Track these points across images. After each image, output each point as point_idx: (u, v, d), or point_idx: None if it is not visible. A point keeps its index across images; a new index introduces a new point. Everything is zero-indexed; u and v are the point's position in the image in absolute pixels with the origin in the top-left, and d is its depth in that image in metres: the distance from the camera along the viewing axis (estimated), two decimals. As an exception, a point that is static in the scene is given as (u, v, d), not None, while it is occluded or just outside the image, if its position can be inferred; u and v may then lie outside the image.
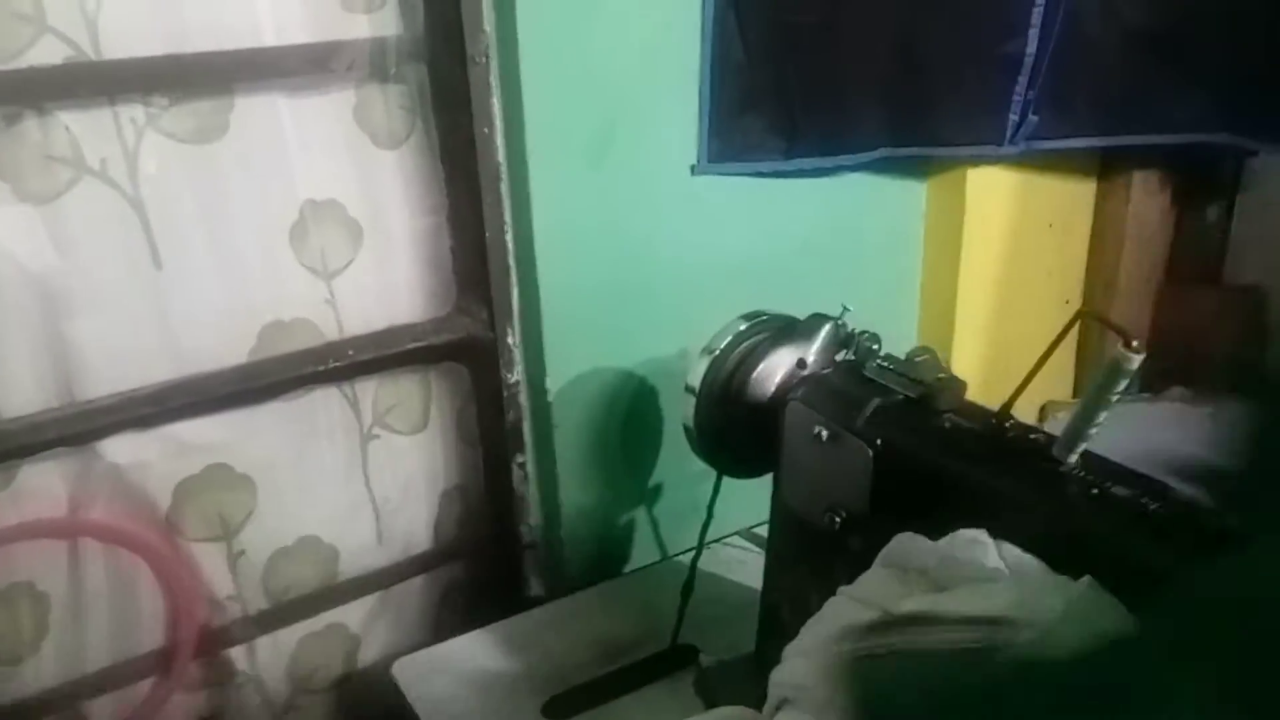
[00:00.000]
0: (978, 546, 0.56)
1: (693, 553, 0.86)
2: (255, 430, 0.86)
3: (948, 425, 0.65)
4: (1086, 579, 0.51)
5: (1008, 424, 0.63)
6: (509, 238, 0.88)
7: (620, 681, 0.83)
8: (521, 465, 0.95)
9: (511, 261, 0.89)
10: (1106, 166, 1.24)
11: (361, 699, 0.97)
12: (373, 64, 0.83)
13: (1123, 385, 0.56)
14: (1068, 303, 1.31)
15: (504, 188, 0.86)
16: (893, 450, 0.66)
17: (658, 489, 1.03)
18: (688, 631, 0.87)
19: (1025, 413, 1.33)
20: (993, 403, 0.68)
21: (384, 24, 0.84)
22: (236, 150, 0.80)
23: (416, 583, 0.99)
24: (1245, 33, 1.06)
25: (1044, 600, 0.50)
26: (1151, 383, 1.37)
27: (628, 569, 1.03)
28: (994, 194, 1.16)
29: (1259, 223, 1.35)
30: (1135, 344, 0.55)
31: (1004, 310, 1.23)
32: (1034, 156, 1.11)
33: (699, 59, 0.91)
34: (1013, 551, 0.56)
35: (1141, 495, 0.56)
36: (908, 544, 0.58)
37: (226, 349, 0.83)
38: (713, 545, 1.00)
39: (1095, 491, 0.57)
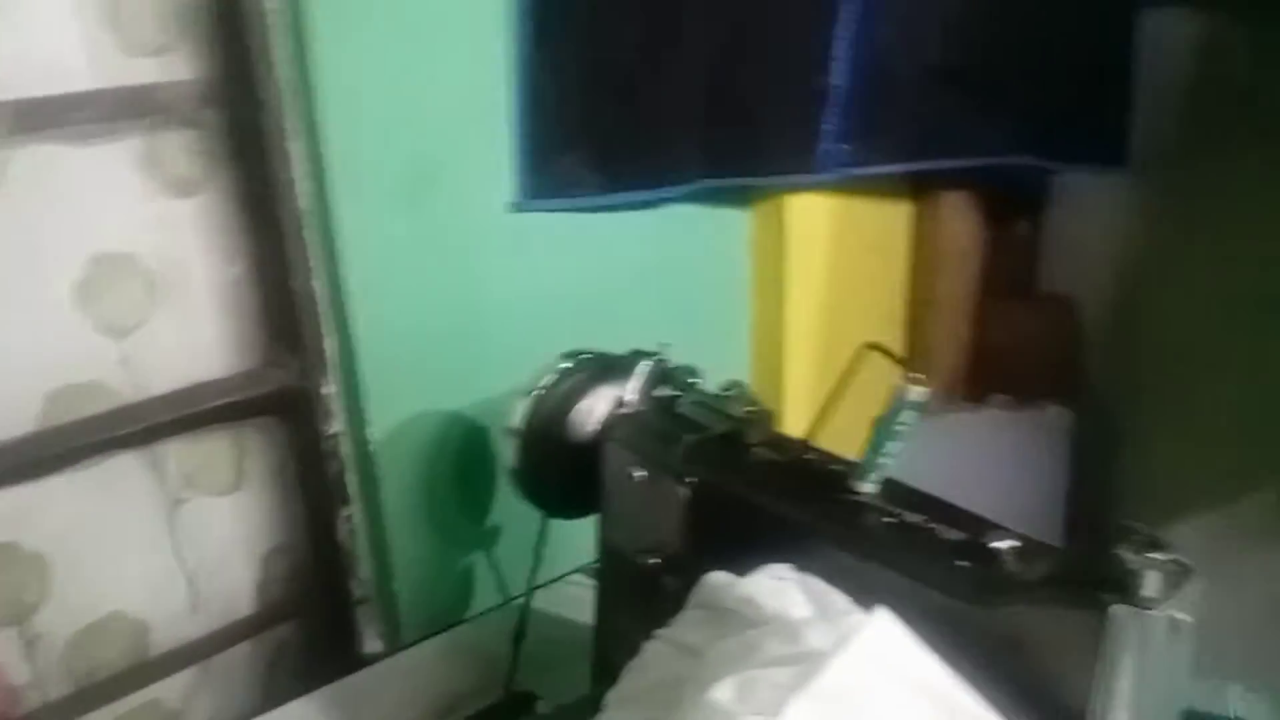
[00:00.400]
0: (784, 582, 0.57)
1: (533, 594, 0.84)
2: (46, 504, 0.79)
3: (756, 459, 0.66)
4: (879, 608, 0.52)
5: (809, 456, 0.64)
6: (318, 285, 0.85)
7: (455, 738, 0.81)
8: (348, 519, 0.92)
9: (323, 310, 0.86)
10: (919, 190, 1.30)
11: (184, 780, 0.91)
12: (163, 110, 0.79)
13: (909, 415, 0.58)
14: (892, 321, 1.36)
15: (310, 234, 0.83)
16: (704, 488, 0.66)
17: (495, 532, 1.01)
18: (527, 677, 0.85)
19: (854, 429, 1.38)
20: (828, 425, 0.69)
21: (174, 68, 0.80)
22: (15, 204, 0.74)
23: (241, 650, 0.94)
24: (1040, 64, 1.14)
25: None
26: (975, 393, 1.44)
27: (469, 615, 1.01)
28: (813, 220, 1.19)
29: (1066, 236, 1.44)
30: (918, 376, 0.57)
31: (832, 332, 1.27)
32: (849, 183, 1.16)
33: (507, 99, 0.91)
34: (817, 585, 0.57)
35: (932, 521, 0.57)
36: (716, 583, 0.58)
37: (9, 418, 0.77)
38: (553, 583, 0.99)
39: (890, 520, 0.58)
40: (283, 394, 0.87)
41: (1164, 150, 1.25)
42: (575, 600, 0.98)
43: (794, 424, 0.74)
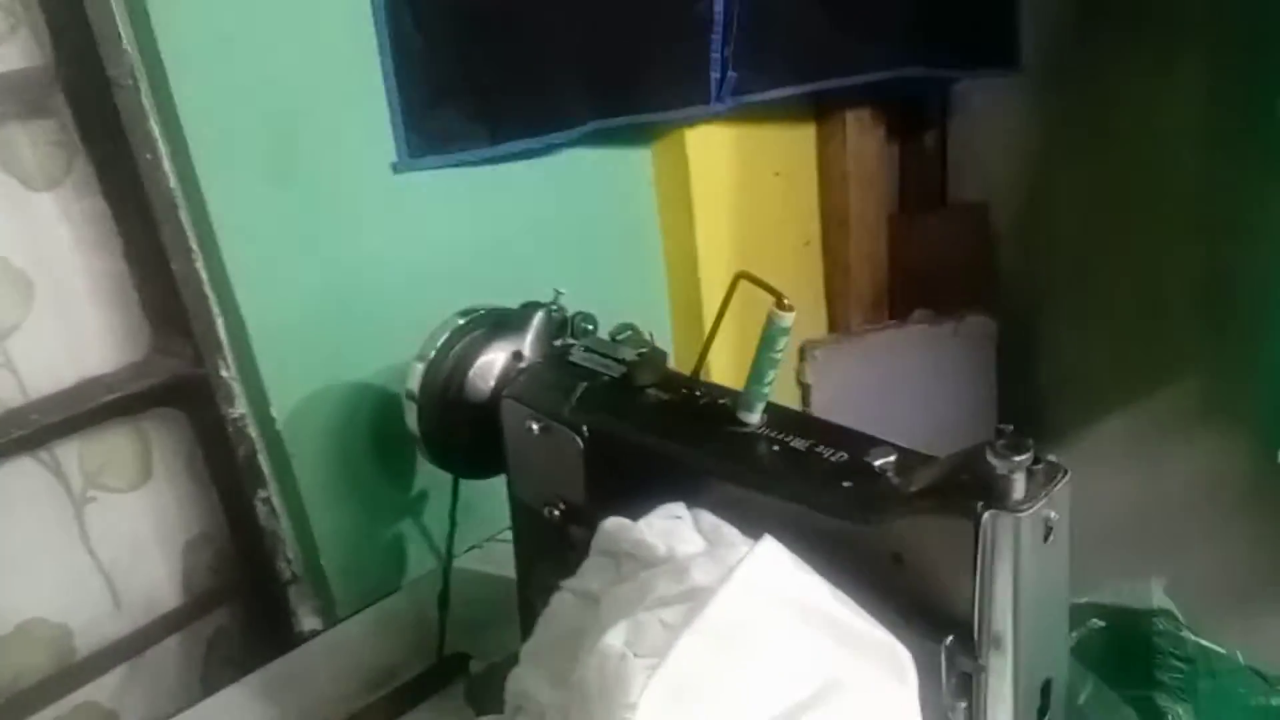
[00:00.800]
0: (676, 521, 0.57)
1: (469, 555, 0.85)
2: (-58, 517, 0.78)
3: (648, 402, 0.66)
4: (765, 537, 0.52)
5: (698, 392, 0.64)
6: (200, 267, 0.82)
7: (389, 706, 0.81)
8: (265, 500, 0.91)
9: (209, 292, 0.83)
10: (820, 111, 1.29)
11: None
12: (10, 100, 0.76)
13: (783, 343, 0.58)
14: (807, 244, 1.36)
15: (184, 215, 0.81)
16: (599, 435, 0.66)
17: (421, 497, 1.00)
18: (460, 638, 0.85)
19: (789, 356, 1.38)
20: (742, 359, 0.68)
21: (17, 56, 0.76)
22: None
23: (172, 642, 0.93)
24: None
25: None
26: (897, 310, 1.45)
27: (404, 582, 1.01)
28: (716, 151, 1.18)
29: (971, 143, 1.44)
30: (787, 303, 0.57)
31: (748, 262, 1.23)
32: (747, 110, 1.14)
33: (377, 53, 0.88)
34: (709, 520, 0.57)
35: (817, 445, 0.58)
36: (612, 529, 0.59)
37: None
38: (486, 543, 0.99)
39: (776, 448, 0.58)
40: (179, 381, 0.85)
41: (1056, 50, 1.25)
42: (505, 558, 0.98)
43: (716, 359, 0.73)
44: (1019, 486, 0.47)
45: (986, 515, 0.47)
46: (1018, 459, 0.46)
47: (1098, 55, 1.22)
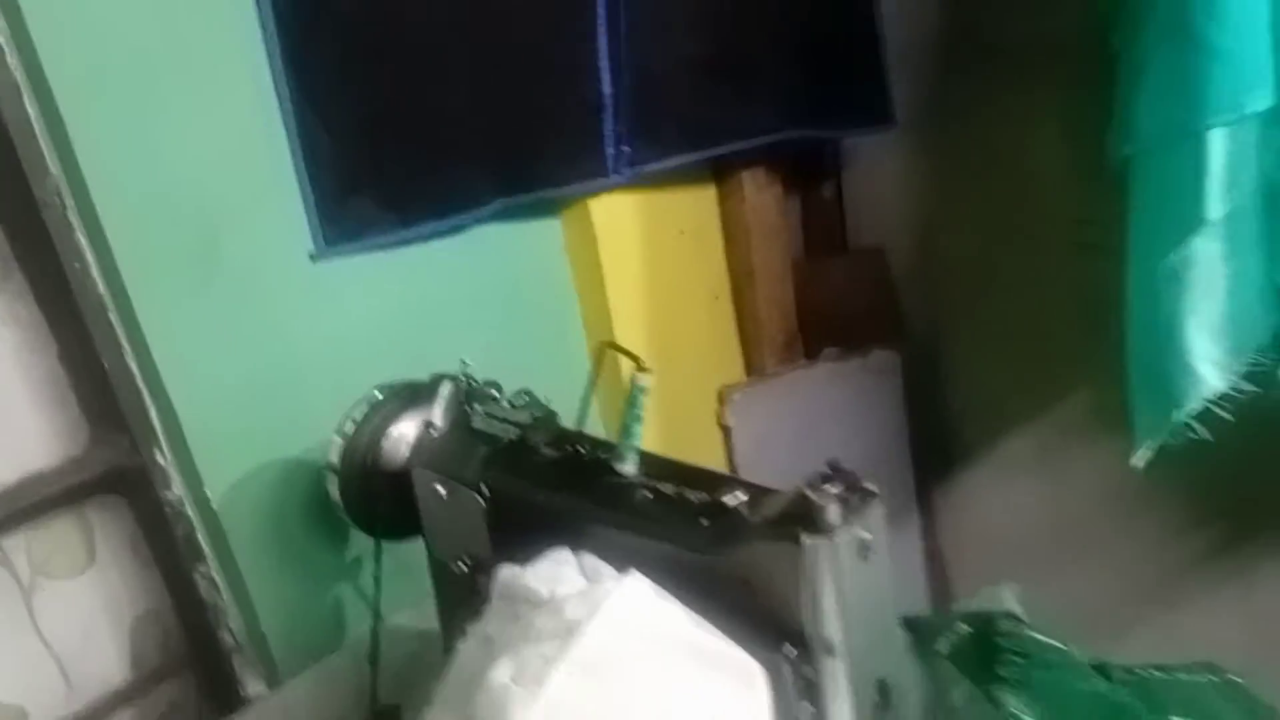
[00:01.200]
0: (559, 565, 0.64)
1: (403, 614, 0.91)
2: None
3: (540, 460, 0.74)
4: (630, 572, 0.60)
5: (581, 448, 0.72)
6: (131, 364, 0.89)
7: (330, 760, 0.87)
8: (205, 575, 0.96)
9: (142, 385, 0.90)
10: (718, 171, 1.39)
11: None
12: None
13: (643, 401, 0.66)
14: (717, 297, 1.45)
15: (113, 317, 0.87)
16: (498, 493, 0.73)
17: (355, 563, 1.06)
18: (394, 693, 0.91)
19: (703, 403, 1.46)
20: (670, 398, 0.72)
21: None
22: None
23: (124, 716, 0.98)
24: (790, 42, 1.23)
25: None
26: (809, 350, 1.54)
27: (344, 643, 1.06)
28: (620, 217, 1.26)
29: (865, 192, 1.54)
30: (645, 367, 0.65)
31: (660, 319, 1.34)
32: (647, 177, 1.23)
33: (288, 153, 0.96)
34: (590, 561, 0.64)
35: (681, 487, 0.65)
36: (505, 577, 0.65)
37: None
38: (420, 603, 1.05)
39: (648, 493, 0.66)
40: (117, 471, 0.91)
41: (929, 102, 1.36)
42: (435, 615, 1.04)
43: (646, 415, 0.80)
44: (832, 514, 0.54)
45: (808, 541, 0.54)
46: (829, 489, 0.54)
47: (966, 104, 1.33)
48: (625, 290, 1.29)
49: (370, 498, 0.84)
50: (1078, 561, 1.38)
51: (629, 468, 0.68)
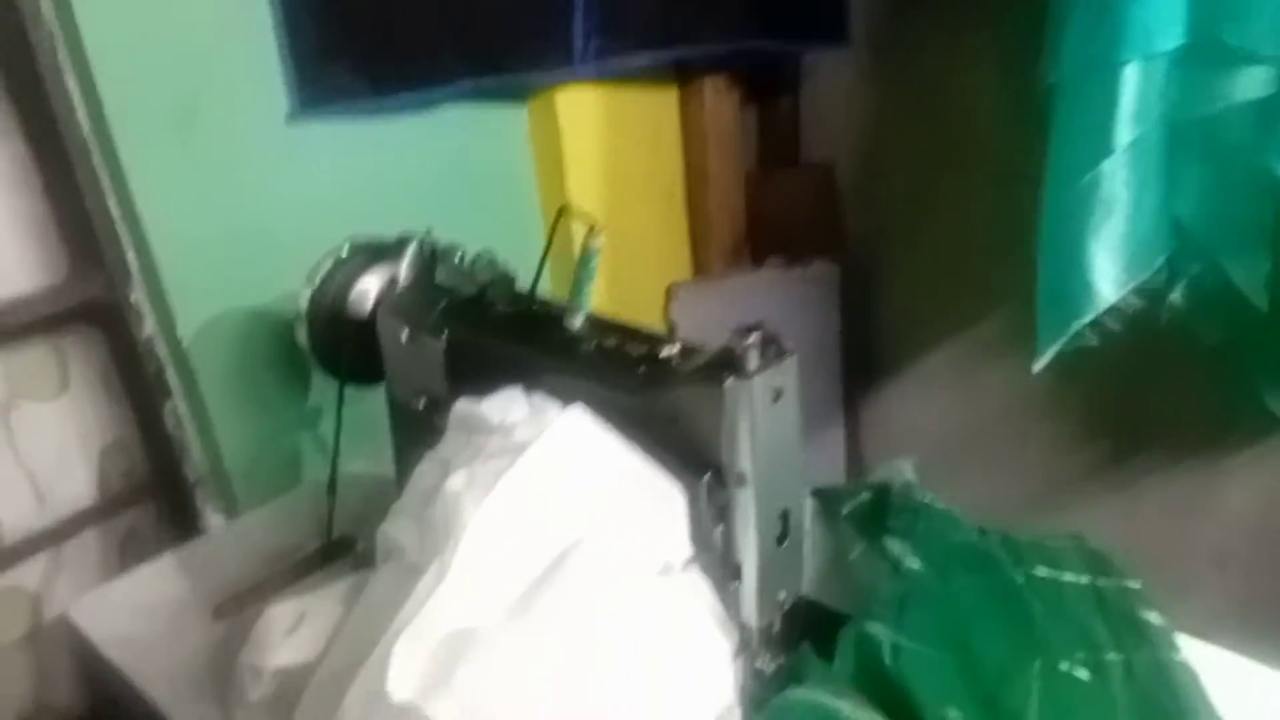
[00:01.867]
0: (511, 400, 0.72)
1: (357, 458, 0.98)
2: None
3: (496, 314, 0.81)
4: (576, 405, 0.68)
5: (535, 305, 0.79)
6: (112, 204, 0.94)
7: (283, 578, 0.95)
8: (172, 411, 1.03)
9: (120, 226, 0.95)
10: (682, 77, 1.44)
11: (51, 649, 1.03)
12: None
13: (595, 262, 0.73)
14: (672, 196, 1.51)
15: (96, 159, 0.92)
16: (456, 340, 0.80)
17: (315, 409, 1.13)
18: (350, 526, 0.99)
19: (652, 297, 1.54)
20: (621, 295, 0.79)
21: (-61, 11, 0.86)
22: None
23: (90, 536, 1.05)
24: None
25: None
26: (755, 256, 1.62)
27: (302, 485, 1.14)
28: (585, 111, 1.32)
29: (820, 108, 1.61)
30: (596, 229, 0.72)
31: (617, 213, 1.41)
32: (614, 75, 1.28)
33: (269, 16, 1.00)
34: (537, 398, 0.72)
35: (623, 342, 0.73)
36: (461, 408, 0.73)
37: None
38: (373, 449, 1.12)
39: (592, 346, 0.74)
40: (93, 304, 0.97)
41: (881, 26, 1.42)
42: (388, 460, 1.12)
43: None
44: (752, 361, 0.63)
45: (729, 382, 0.63)
46: (748, 341, 0.63)
47: (913, 32, 1.40)
48: (584, 182, 1.36)
49: (336, 344, 0.91)
50: (985, 467, 1.50)
51: (577, 322, 0.75)
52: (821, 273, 1.60)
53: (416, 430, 0.86)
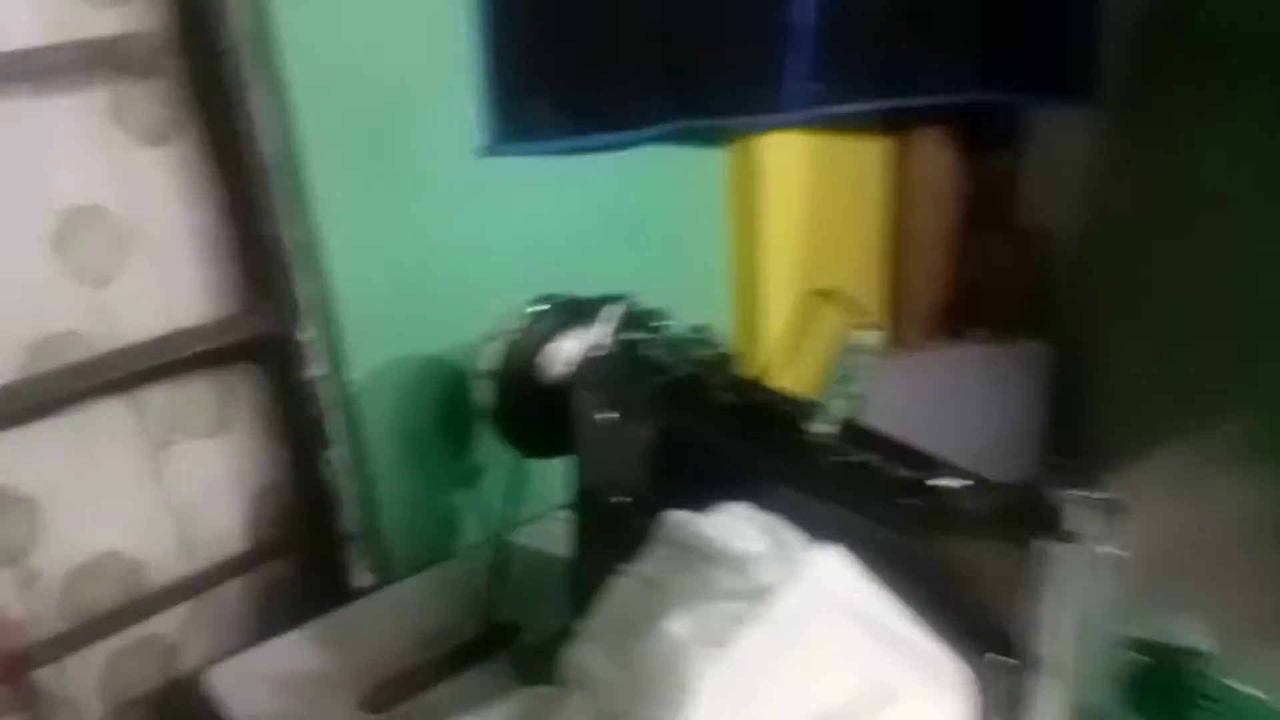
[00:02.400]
0: (738, 521, 0.60)
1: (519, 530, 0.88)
2: (33, 450, 0.82)
3: (716, 402, 0.69)
4: (833, 546, 0.55)
5: (765, 397, 0.66)
6: (290, 232, 0.86)
7: (439, 667, 0.84)
8: (330, 460, 0.94)
9: (296, 256, 0.87)
10: (894, 126, 1.30)
11: (183, 709, 0.95)
12: (125, 61, 0.79)
13: (865, 359, 0.60)
14: (870, 258, 1.37)
15: (278, 181, 0.84)
16: (666, 431, 0.68)
17: (479, 470, 1.04)
18: (511, 610, 0.89)
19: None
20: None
21: (133, 18, 0.80)
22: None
23: (234, 586, 0.98)
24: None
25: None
26: (954, 328, 1.46)
27: (455, 551, 1.04)
28: (788, 160, 1.20)
29: (1043, 168, 1.44)
30: (874, 323, 0.59)
31: (811, 270, 1.28)
32: (822, 121, 1.16)
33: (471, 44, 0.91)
34: (773, 523, 0.59)
35: (882, 460, 0.60)
36: (675, 522, 0.61)
37: (-8, 368, 0.79)
38: (538, 519, 1.02)
39: (841, 458, 0.61)
40: (260, 340, 0.89)
41: (1131, 81, 1.25)
42: (557, 535, 1.01)
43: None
44: (1075, 519, 0.49)
45: (1039, 544, 0.49)
46: (1077, 492, 0.48)
47: (1167, 87, 1.22)
48: (780, 236, 1.23)
49: (519, 411, 0.81)
50: (1212, 592, 1.29)
51: (822, 427, 0.62)
52: (1029, 352, 1.43)
53: (607, 526, 0.74)
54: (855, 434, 0.63)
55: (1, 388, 0.79)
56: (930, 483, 0.57)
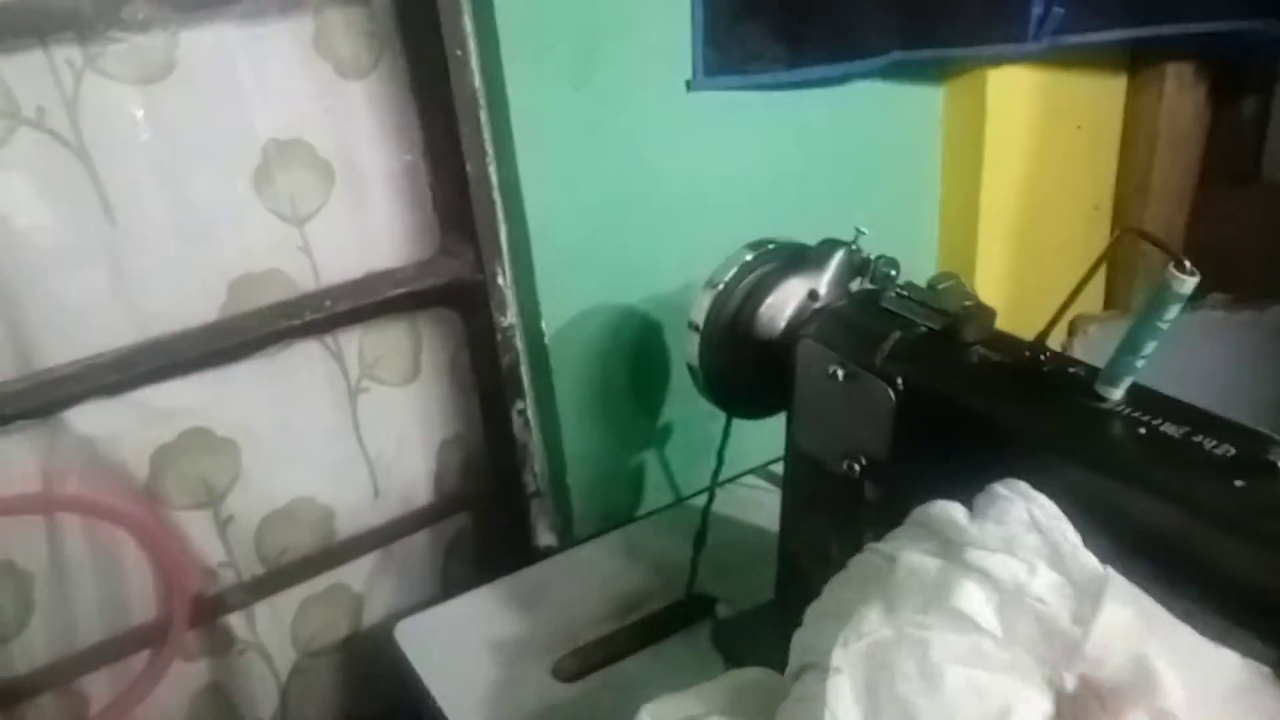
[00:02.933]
0: (1009, 504, 0.50)
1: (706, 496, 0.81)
2: (233, 391, 0.80)
3: (976, 360, 0.59)
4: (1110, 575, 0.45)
5: (1043, 356, 0.57)
6: (492, 170, 0.81)
7: (633, 637, 0.79)
8: (521, 412, 0.90)
9: (496, 196, 0.82)
10: (1137, 61, 1.15)
11: (368, 660, 0.93)
12: (329, -14, 0.76)
13: (1174, 311, 0.50)
14: (1097, 209, 1.23)
15: (483, 115, 0.79)
16: (915, 390, 0.60)
17: (668, 429, 0.98)
18: (704, 579, 0.83)
19: (1055, 330, 1.27)
20: (1022, 323, 0.61)
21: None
22: (186, 89, 0.73)
23: (420, 537, 0.95)
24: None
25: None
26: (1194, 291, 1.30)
27: (641, 513, 0.99)
28: (1017, 96, 1.07)
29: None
30: (1188, 266, 0.49)
31: (1030, 221, 1.16)
32: (1060, 54, 1.03)
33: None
34: (1048, 513, 0.50)
35: (1196, 433, 0.50)
36: (941, 513, 0.52)
37: (194, 306, 0.77)
38: (727, 485, 0.95)
39: (1143, 431, 0.51)
40: (458, 284, 0.85)
41: None
42: (749, 502, 0.94)
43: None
44: None
45: None
46: None
47: None
48: (1000, 180, 1.11)
49: (731, 366, 0.73)
50: None
51: (1117, 393, 0.53)
52: (1275, 319, 1.26)
53: (828, 494, 0.66)
54: (1154, 401, 0.52)
55: (204, 327, 0.77)
56: (1270, 459, 0.46)
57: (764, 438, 0.78)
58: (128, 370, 0.73)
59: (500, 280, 0.85)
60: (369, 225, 0.83)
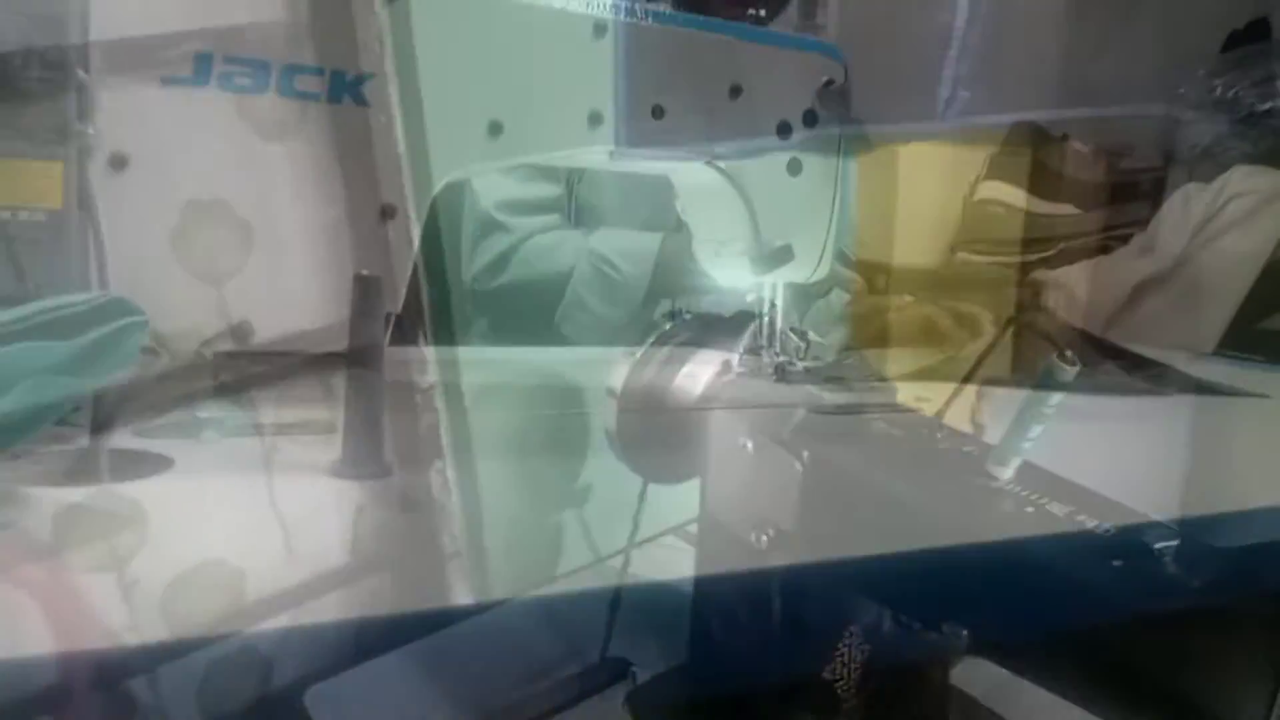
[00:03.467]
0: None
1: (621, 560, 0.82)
2: (143, 455, 0.79)
3: (875, 434, 0.62)
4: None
5: (939, 434, 0.59)
6: (409, 235, 0.82)
7: (546, 702, 0.79)
8: (440, 472, 0.90)
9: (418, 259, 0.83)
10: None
11: (277, 726, 0.91)
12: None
13: (1057, 398, 0.53)
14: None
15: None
16: (819, 463, 0.62)
17: (587, 490, 0.99)
18: (619, 642, 0.83)
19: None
20: None
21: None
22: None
23: (332, 599, 0.94)
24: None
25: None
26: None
27: (559, 573, 0.99)
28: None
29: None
30: (1070, 355, 0.52)
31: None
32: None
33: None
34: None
35: (1079, 512, 0.52)
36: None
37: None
38: (645, 545, 0.96)
39: (1030, 510, 0.53)
40: (371, 346, 0.85)
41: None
42: (667, 563, 0.95)
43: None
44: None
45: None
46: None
47: None
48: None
49: (648, 434, 0.75)
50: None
51: (1006, 472, 0.55)
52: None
53: (740, 563, 0.68)
54: (1040, 480, 0.55)
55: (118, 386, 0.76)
56: (1144, 542, 0.49)
57: (683, 496, 0.79)
58: (32, 431, 0.71)
59: (416, 342, 0.85)
60: (287, 287, 0.83)
